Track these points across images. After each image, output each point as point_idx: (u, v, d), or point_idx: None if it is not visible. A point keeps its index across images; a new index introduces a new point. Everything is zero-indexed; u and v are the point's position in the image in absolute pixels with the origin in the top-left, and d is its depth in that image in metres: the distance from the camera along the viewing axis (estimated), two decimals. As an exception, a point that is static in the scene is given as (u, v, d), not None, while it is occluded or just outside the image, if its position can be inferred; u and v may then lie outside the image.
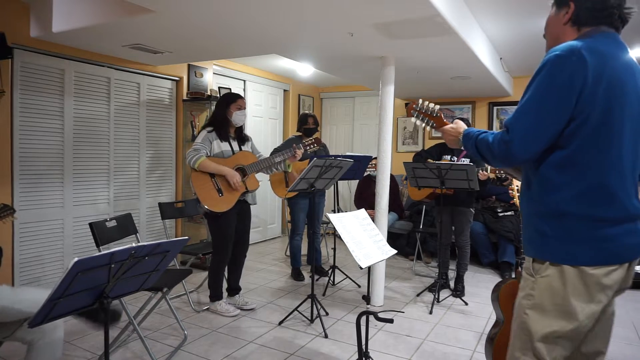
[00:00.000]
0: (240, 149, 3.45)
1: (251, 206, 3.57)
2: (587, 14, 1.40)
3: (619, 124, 1.33)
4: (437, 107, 1.76)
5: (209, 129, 3.36)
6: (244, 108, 3.43)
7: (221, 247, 3.39)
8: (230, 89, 5.29)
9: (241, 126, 3.50)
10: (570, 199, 1.34)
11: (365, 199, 5.21)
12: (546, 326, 1.36)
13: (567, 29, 1.44)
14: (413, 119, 1.80)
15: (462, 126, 1.65)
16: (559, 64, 1.31)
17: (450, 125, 1.70)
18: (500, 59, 4.72)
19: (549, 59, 1.34)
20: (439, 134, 2.17)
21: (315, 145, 3.59)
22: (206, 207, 3.21)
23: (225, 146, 3.36)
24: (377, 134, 3.77)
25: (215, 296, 3.48)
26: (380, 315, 2.21)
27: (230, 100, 3.39)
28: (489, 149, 1.43)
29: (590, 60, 1.28)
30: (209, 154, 3.29)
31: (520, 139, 1.34)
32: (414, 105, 1.80)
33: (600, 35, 1.38)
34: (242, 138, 3.52)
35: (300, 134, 4.40)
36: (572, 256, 1.33)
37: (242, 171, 3.35)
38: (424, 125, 1.79)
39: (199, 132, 3.43)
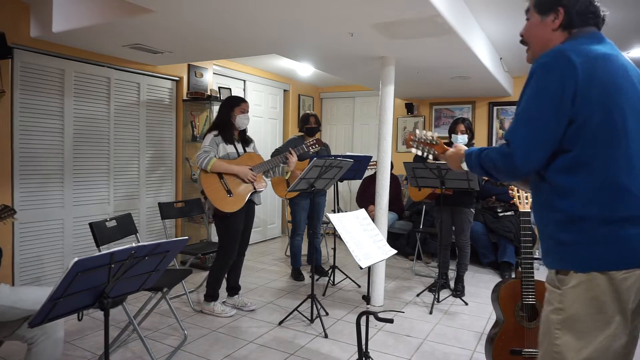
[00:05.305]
0: (245, 151, 3.49)
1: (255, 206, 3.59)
2: (578, 17, 1.40)
3: (621, 122, 1.30)
4: (435, 134, 1.81)
5: (215, 132, 3.38)
6: (247, 112, 3.46)
7: (228, 246, 3.40)
8: (230, 89, 5.30)
9: (245, 129, 3.53)
10: (584, 202, 1.30)
11: (367, 198, 5.21)
12: (581, 348, 1.28)
13: (557, 34, 1.44)
14: (414, 150, 1.84)
15: (461, 148, 1.66)
16: (548, 71, 1.32)
17: (451, 150, 1.71)
18: (500, 59, 4.71)
19: (536, 68, 1.35)
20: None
21: (317, 145, 3.64)
22: (217, 207, 3.23)
23: (230, 149, 3.40)
24: (377, 134, 3.78)
25: (212, 296, 3.46)
26: (380, 315, 2.21)
27: (235, 104, 3.42)
28: (494, 165, 1.41)
29: (578, 63, 1.29)
30: (216, 156, 3.31)
31: (521, 150, 1.34)
32: (412, 137, 1.86)
33: (586, 35, 1.39)
34: (245, 140, 3.56)
35: (302, 134, 4.41)
36: (597, 262, 1.27)
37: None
38: (425, 154, 1.83)
39: (204, 136, 3.45)
